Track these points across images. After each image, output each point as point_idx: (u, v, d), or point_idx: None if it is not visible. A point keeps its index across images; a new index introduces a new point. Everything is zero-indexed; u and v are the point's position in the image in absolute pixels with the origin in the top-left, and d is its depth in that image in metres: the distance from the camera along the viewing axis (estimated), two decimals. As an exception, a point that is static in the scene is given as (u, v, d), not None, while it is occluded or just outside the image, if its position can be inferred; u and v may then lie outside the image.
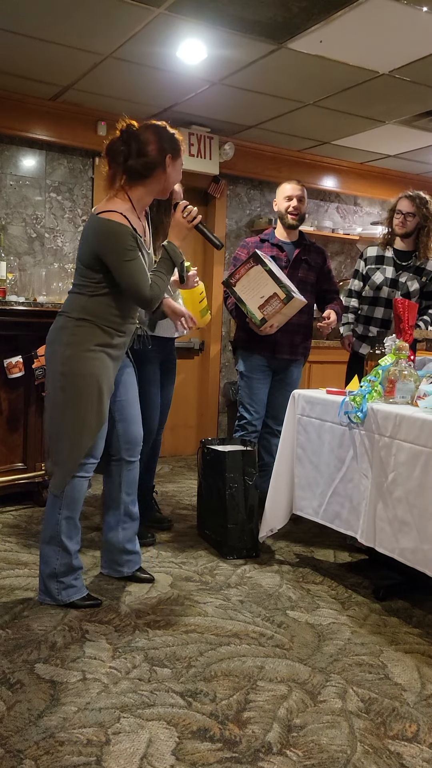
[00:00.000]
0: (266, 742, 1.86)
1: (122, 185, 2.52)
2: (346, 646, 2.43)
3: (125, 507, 2.83)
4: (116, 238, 2.43)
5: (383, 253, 3.88)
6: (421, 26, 3.39)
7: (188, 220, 2.64)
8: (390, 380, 2.77)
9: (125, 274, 2.45)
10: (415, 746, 1.87)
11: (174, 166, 2.55)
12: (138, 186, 2.52)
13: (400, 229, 3.80)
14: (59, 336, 2.56)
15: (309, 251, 3.80)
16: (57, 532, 2.58)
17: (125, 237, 2.43)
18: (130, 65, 4.08)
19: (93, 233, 2.48)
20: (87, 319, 2.52)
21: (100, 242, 2.46)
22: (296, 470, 3.12)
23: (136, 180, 2.51)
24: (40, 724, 1.89)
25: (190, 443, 5.69)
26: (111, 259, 2.45)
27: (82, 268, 2.54)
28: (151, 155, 2.49)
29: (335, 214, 6.37)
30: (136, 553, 2.90)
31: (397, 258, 3.85)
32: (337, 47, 3.67)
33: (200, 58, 3.90)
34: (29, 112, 4.77)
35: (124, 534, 2.84)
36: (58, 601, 2.60)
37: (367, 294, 3.91)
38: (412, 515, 2.50)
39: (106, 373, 2.56)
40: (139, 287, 2.47)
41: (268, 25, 3.43)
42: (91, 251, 2.50)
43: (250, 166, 5.67)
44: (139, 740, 1.83)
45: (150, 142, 2.50)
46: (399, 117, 4.77)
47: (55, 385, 2.56)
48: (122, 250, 2.43)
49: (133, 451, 2.82)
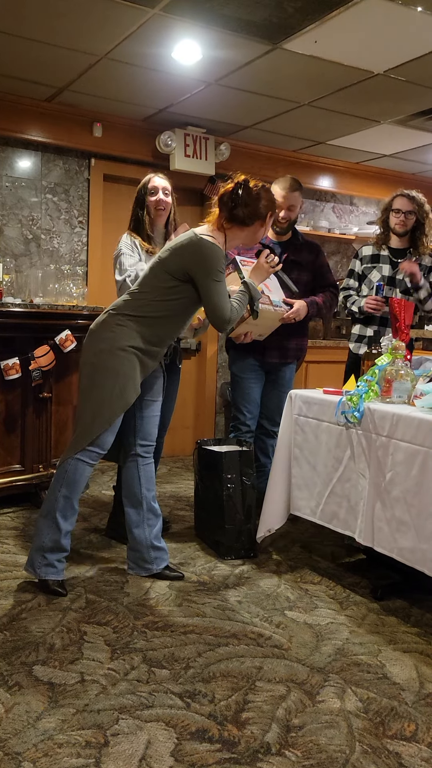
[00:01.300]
0: (265, 742, 1.86)
1: (223, 225, 2.77)
2: (345, 645, 2.43)
3: (147, 503, 2.94)
4: (213, 258, 2.67)
5: (379, 252, 3.87)
6: (416, 26, 3.39)
7: (271, 265, 2.98)
8: (387, 380, 2.77)
9: (212, 292, 2.68)
10: (413, 745, 1.88)
11: (266, 226, 2.85)
12: (237, 230, 2.79)
13: (401, 228, 3.78)
14: (99, 329, 2.77)
15: (300, 251, 3.70)
16: (54, 508, 2.73)
17: (220, 260, 2.68)
18: (126, 66, 4.08)
19: (192, 252, 2.68)
20: (131, 319, 2.71)
21: (197, 261, 2.67)
22: (293, 470, 3.12)
23: (237, 224, 2.77)
24: (39, 726, 1.89)
25: (187, 444, 5.69)
26: (201, 275, 2.67)
27: (166, 277, 2.71)
28: (260, 211, 2.77)
29: (331, 214, 6.38)
30: (163, 549, 2.97)
31: (393, 256, 3.84)
32: (332, 47, 3.68)
33: (195, 59, 3.90)
34: (25, 114, 4.77)
35: (150, 530, 2.93)
36: (37, 575, 2.75)
37: (364, 293, 3.90)
38: (410, 515, 2.50)
39: (132, 375, 2.72)
40: (223, 308, 2.71)
41: (263, 26, 3.44)
42: (181, 266, 2.69)
43: (246, 167, 5.60)
44: (137, 742, 1.83)
45: (260, 199, 2.77)
46: (394, 117, 4.78)
47: (84, 373, 2.78)
48: (215, 271, 2.67)
49: (146, 447, 2.96)
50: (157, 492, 4.29)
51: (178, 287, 2.71)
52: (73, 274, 4.96)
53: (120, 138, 5.12)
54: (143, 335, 2.72)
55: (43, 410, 3.95)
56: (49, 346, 3.84)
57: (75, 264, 5.12)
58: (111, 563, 3.12)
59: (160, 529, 2.97)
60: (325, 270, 3.79)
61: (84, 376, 2.78)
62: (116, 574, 2.99)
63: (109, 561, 3.14)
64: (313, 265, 3.73)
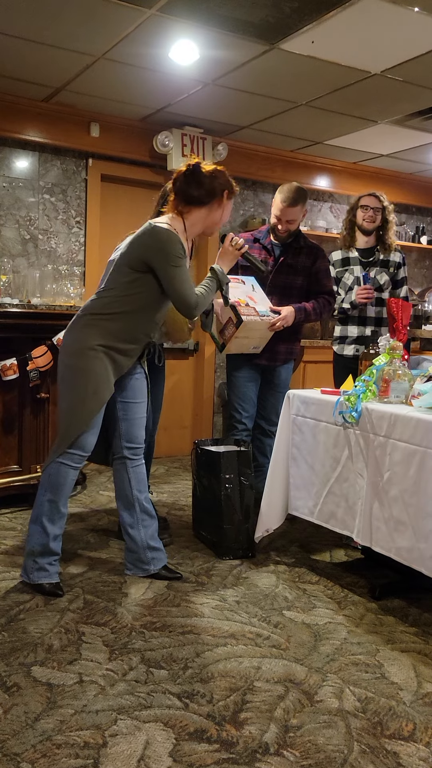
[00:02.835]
0: (263, 742, 1.86)
1: (180, 210, 2.76)
2: (343, 645, 2.44)
3: (140, 504, 2.93)
4: (169, 244, 2.63)
5: (348, 255, 3.96)
6: (413, 26, 3.40)
7: (236, 248, 2.96)
8: (384, 380, 2.78)
9: (173, 279, 2.65)
10: (411, 745, 1.88)
11: (227, 206, 2.82)
12: (195, 211, 2.76)
13: (369, 225, 3.87)
14: (69, 331, 2.79)
15: (298, 254, 3.66)
16: (40, 513, 2.75)
17: (176, 246, 2.64)
18: (123, 66, 4.07)
19: (148, 240, 2.67)
20: (99, 318, 2.71)
21: (155, 248, 2.65)
22: (291, 470, 3.12)
23: (194, 204, 2.75)
24: (37, 727, 1.89)
25: (185, 444, 5.69)
26: (159, 263, 2.65)
27: (126, 271, 2.71)
28: (214, 188, 2.75)
29: (329, 213, 6.38)
30: (160, 550, 2.97)
31: (361, 256, 3.93)
32: (329, 47, 3.68)
33: (193, 59, 3.90)
34: (22, 114, 4.76)
35: (146, 531, 2.92)
36: (30, 579, 2.76)
37: (340, 296, 3.95)
38: (408, 514, 2.50)
39: (104, 373, 2.70)
40: (186, 293, 2.68)
41: (260, 26, 3.44)
42: (139, 256, 2.68)
43: (244, 167, 5.67)
44: (136, 742, 1.83)
45: (215, 177, 2.76)
46: (391, 116, 4.78)
47: (59, 376, 2.80)
48: (172, 256, 2.63)
49: (136, 451, 2.93)
50: (154, 492, 4.32)
51: (140, 279, 2.69)
52: (71, 275, 4.96)
53: (117, 138, 5.12)
54: (113, 333, 2.70)
55: (41, 411, 3.95)
56: (46, 346, 3.84)
57: (72, 264, 5.12)
58: (109, 564, 3.12)
59: (156, 530, 2.97)
60: (321, 275, 3.73)
61: (59, 379, 2.80)
62: (114, 574, 2.99)
63: (107, 561, 3.14)
64: (309, 269, 3.69)
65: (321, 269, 3.73)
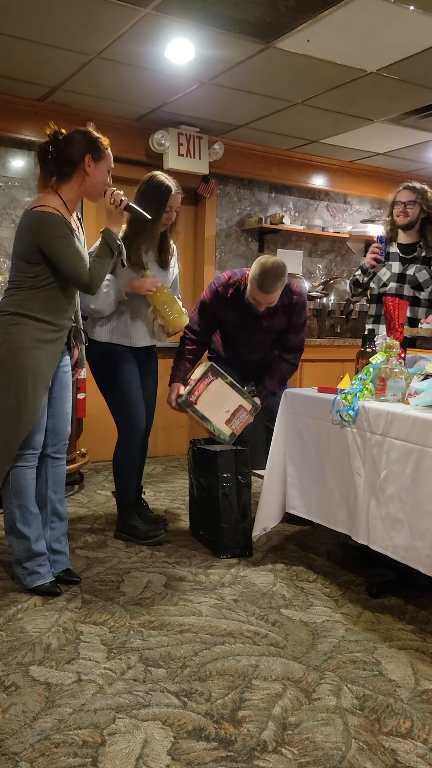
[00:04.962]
0: (261, 740, 1.87)
1: (53, 185, 2.69)
2: (340, 643, 2.44)
3: (52, 505, 2.85)
4: (52, 227, 2.58)
5: (388, 250, 3.78)
6: (408, 25, 3.40)
7: (116, 205, 2.78)
8: (381, 378, 2.78)
9: (64, 260, 2.59)
10: (409, 742, 1.89)
11: (97, 168, 2.69)
12: (64, 185, 2.68)
13: (401, 220, 3.72)
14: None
15: (273, 316, 3.38)
16: (13, 521, 2.72)
17: (60, 225, 2.58)
18: (118, 65, 4.07)
19: (29, 226, 2.61)
20: (21, 315, 2.64)
21: (37, 233, 2.59)
22: (289, 469, 3.13)
23: (62, 179, 2.68)
24: (36, 726, 1.89)
25: (182, 443, 5.69)
26: (49, 247, 2.58)
27: (19, 263, 2.66)
28: (72, 155, 2.66)
29: (325, 212, 6.38)
30: (63, 553, 2.89)
31: (401, 252, 3.77)
32: (325, 46, 3.68)
33: (188, 58, 3.90)
34: (17, 113, 4.75)
35: (52, 533, 2.85)
36: (25, 586, 2.74)
37: (373, 292, 3.87)
38: (405, 512, 2.51)
39: (40, 369, 2.65)
40: (78, 271, 2.61)
41: (255, 25, 3.44)
42: (28, 244, 2.61)
43: (240, 166, 5.68)
44: (134, 741, 1.84)
45: (70, 144, 2.66)
46: (387, 115, 4.79)
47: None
48: (58, 237, 2.58)
49: (58, 447, 2.85)
50: (152, 491, 4.32)
51: (38, 267, 2.61)
52: (68, 274, 4.95)
53: (113, 137, 4.99)
54: (37, 327, 2.63)
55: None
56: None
57: (69, 264, 5.11)
58: (106, 563, 3.12)
59: (63, 533, 2.88)
60: (291, 332, 3.48)
61: None
62: (112, 573, 2.99)
63: (105, 561, 3.15)
64: (280, 328, 3.47)
65: (293, 325, 3.47)
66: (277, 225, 5.76)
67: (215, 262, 5.78)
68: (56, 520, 2.86)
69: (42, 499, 2.83)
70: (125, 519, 3.43)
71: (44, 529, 2.83)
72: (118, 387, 3.30)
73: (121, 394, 3.30)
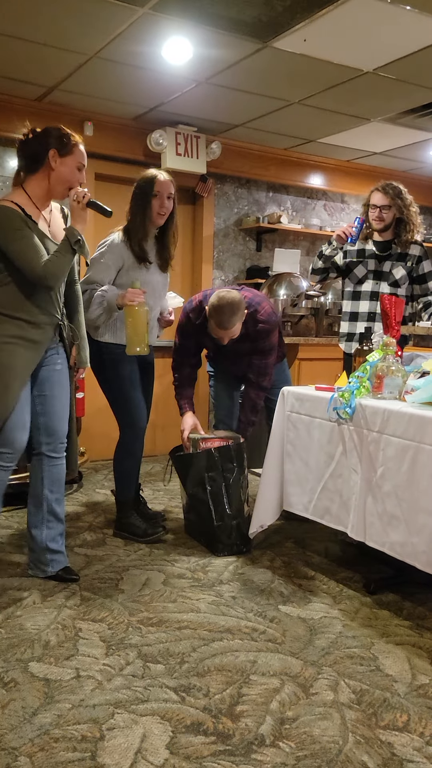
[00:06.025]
0: (259, 734, 1.88)
1: (19, 181, 2.70)
2: (338, 639, 2.46)
3: (48, 505, 2.83)
4: (6, 220, 2.56)
5: (363, 247, 3.81)
6: (405, 24, 3.41)
7: (77, 201, 2.69)
8: (378, 376, 2.80)
9: (15, 253, 2.56)
10: (405, 735, 1.90)
11: (63, 163, 2.66)
12: (31, 180, 2.67)
13: (378, 224, 3.70)
14: None
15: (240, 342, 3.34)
16: None
17: (12, 218, 2.56)
18: (116, 65, 4.08)
19: None
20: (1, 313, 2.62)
21: None
22: (286, 467, 3.14)
23: (28, 174, 2.68)
24: (35, 721, 1.90)
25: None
26: (3, 241, 2.56)
27: None
28: (37, 150, 2.65)
29: (322, 211, 6.40)
30: (60, 552, 2.88)
31: (377, 249, 3.79)
32: (322, 46, 3.69)
33: (186, 58, 3.91)
34: (15, 113, 4.75)
35: (48, 533, 2.83)
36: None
37: (349, 289, 3.89)
38: (401, 509, 2.52)
39: (14, 364, 2.60)
40: (31, 264, 2.57)
41: (252, 24, 3.45)
42: None
43: (237, 165, 5.69)
44: (133, 735, 1.85)
45: (38, 139, 2.66)
46: (384, 114, 4.80)
47: None
48: (9, 230, 2.55)
49: (54, 446, 2.82)
50: (151, 489, 4.33)
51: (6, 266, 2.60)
52: (66, 273, 4.96)
53: (111, 137, 5.12)
54: (12, 323, 2.61)
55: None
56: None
57: (67, 263, 5.12)
58: (105, 561, 3.13)
59: (60, 533, 2.87)
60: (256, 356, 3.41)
61: None
62: (111, 571, 3.00)
63: (104, 559, 3.16)
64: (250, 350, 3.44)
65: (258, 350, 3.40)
66: (275, 224, 5.78)
67: (213, 262, 5.79)
68: (53, 519, 2.84)
69: (38, 499, 2.82)
70: (124, 517, 3.44)
71: (41, 529, 2.83)
72: (120, 386, 3.31)
73: (122, 393, 3.32)
